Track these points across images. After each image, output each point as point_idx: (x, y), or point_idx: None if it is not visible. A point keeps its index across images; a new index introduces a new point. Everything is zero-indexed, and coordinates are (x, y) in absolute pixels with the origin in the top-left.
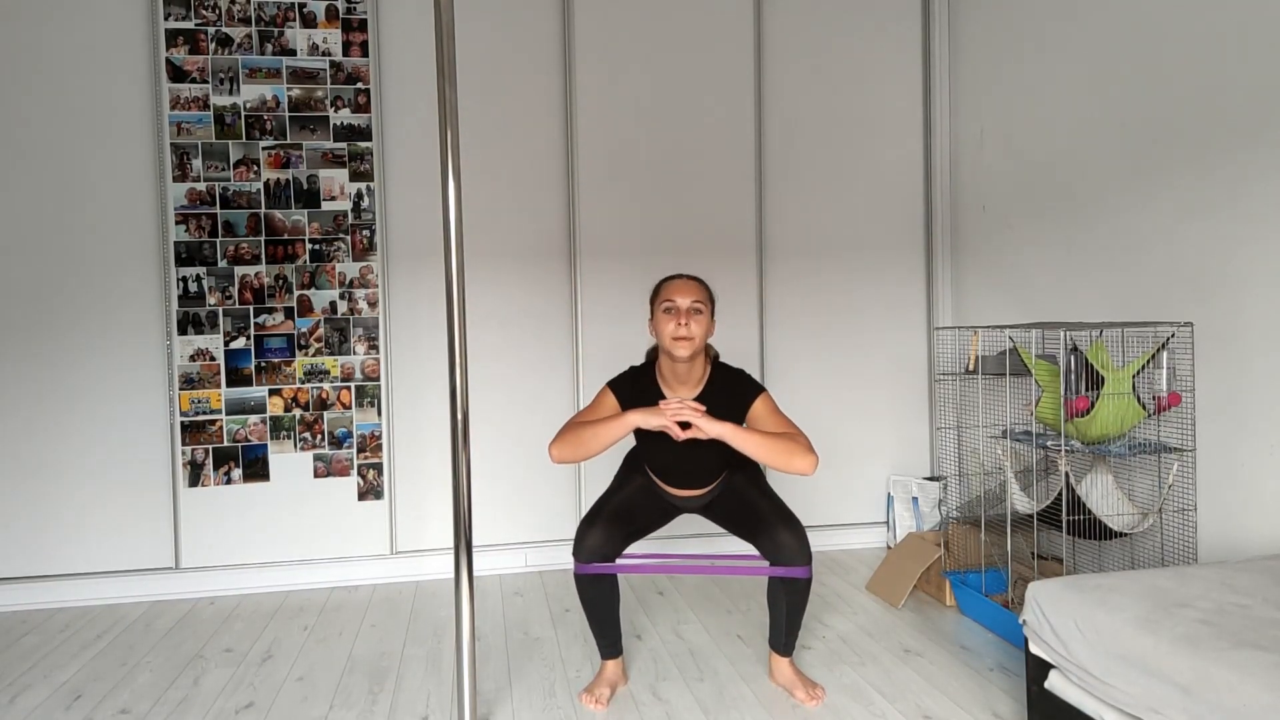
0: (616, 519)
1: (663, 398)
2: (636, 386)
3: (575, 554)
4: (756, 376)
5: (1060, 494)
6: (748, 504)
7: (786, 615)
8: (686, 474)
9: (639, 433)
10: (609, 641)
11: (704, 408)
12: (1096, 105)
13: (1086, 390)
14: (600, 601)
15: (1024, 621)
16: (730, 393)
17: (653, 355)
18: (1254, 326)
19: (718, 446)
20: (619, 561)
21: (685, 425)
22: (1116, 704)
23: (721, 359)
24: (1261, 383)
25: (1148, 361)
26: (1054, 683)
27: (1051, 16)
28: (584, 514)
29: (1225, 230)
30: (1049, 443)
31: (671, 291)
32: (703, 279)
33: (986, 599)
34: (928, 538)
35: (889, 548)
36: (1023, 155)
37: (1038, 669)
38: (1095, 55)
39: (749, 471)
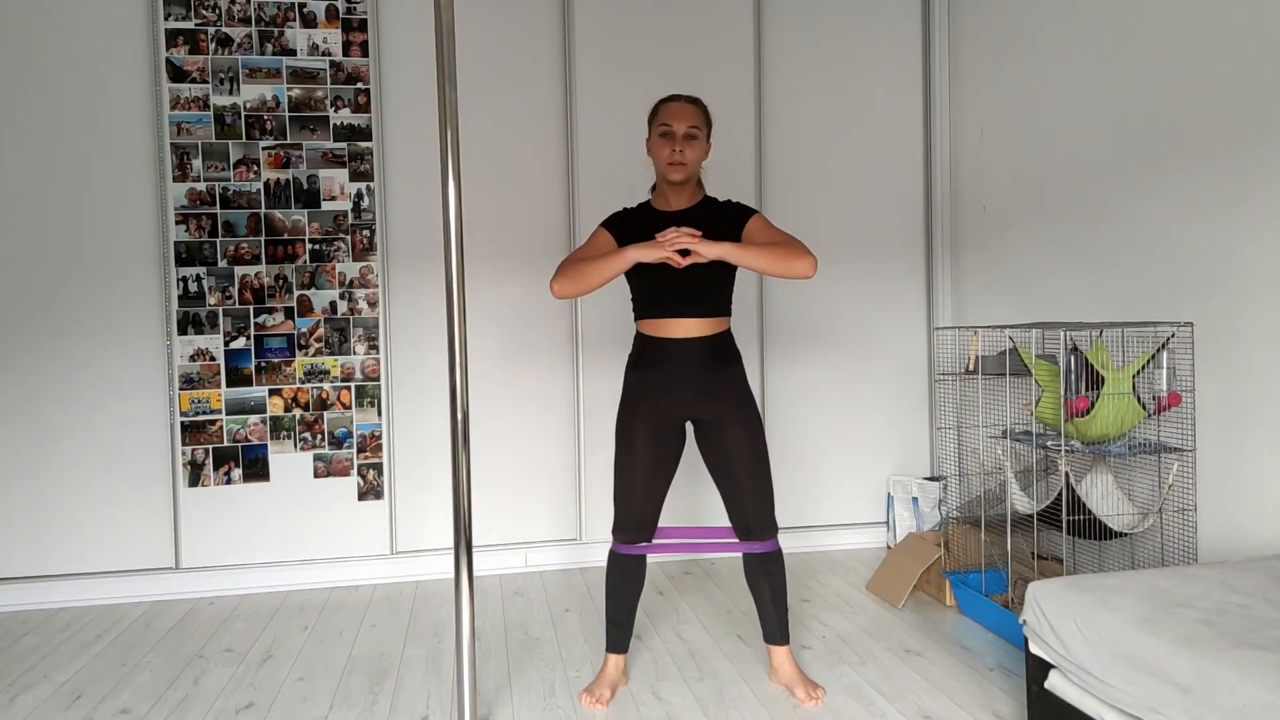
0: (647, 481)
1: (657, 222)
2: (629, 217)
3: (619, 533)
4: (756, 378)
5: (1060, 494)
6: (737, 467)
7: (771, 597)
8: (688, 300)
9: (638, 272)
10: (622, 632)
11: (699, 233)
12: (1096, 105)
13: (1086, 390)
14: (627, 584)
15: (1024, 621)
16: (724, 214)
17: (651, 191)
18: (1254, 326)
19: (717, 270)
20: (655, 541)
21: (684, 254)
22: (1116, 704)
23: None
24: (1261, 383)
25: (1148, 361)
26: (1054, 683)
27: (1051, 16)
28: (613, 495)
29: (1225, 230)
30: (1049, 443)
31: (668, 115)
32: (700, 100)
33: (986, 599)
34: (928, 538)
35: (889, 548)
36: (1023, 155)
37: (1038, 669)
38: (1095, 55)
39: (753, 429)
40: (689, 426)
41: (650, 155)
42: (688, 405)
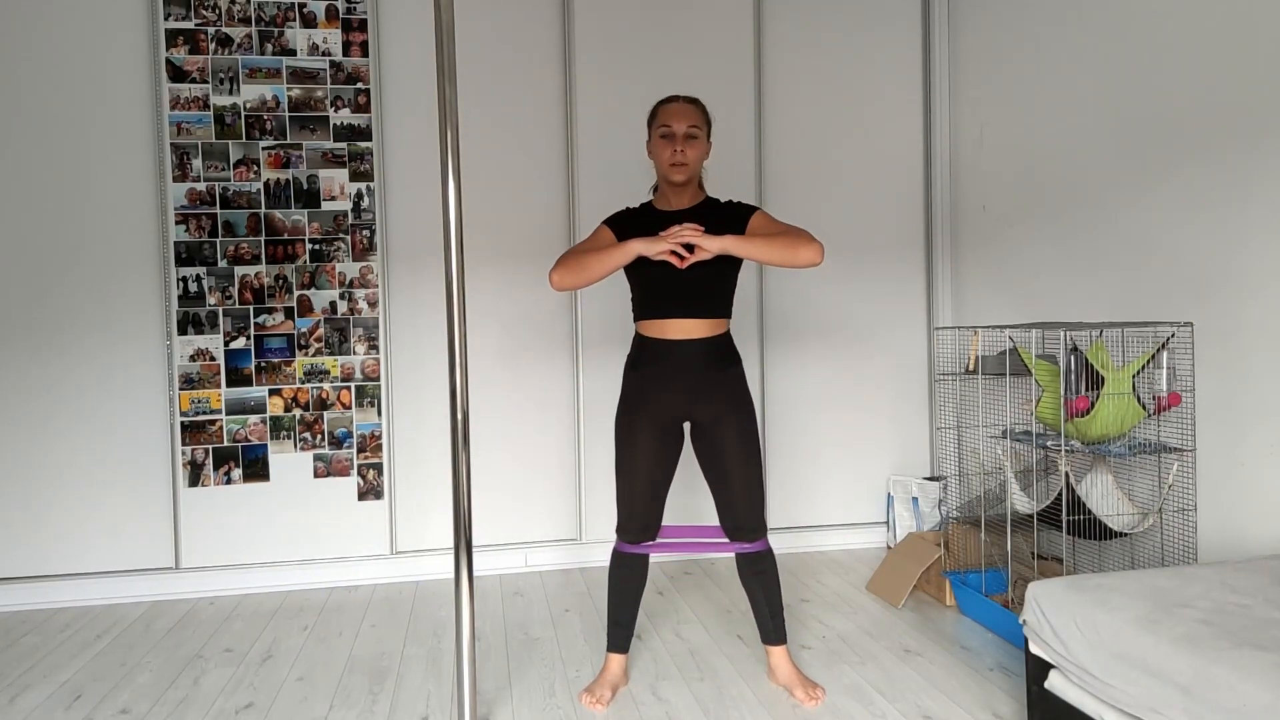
0: (649, 481)
1: (659, 222)
2: (632, 215)
3: (623, 533)
4: (756, 377)
5: (1060, 494)
6: (730, 469)
7: (765, 597)
8: (690, 301)
9: (639, 270)
10: (624, 631)
11: (703, 228)
12: (1096, 105)
13: (1086, 390)
14: (630, 583)
15: (1024, 621)
16: (726, 212)
17: (653, 191)
18: (1254, 326)
19: (719, 270)
20: (659, 541)
21: (689, 249)
22: (1116, 704)
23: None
24: (1261, 383)
25: (1148, 361)
26: (1054, 683)
27: (1051, 16)
28: (616, 496)
29: (1226, 230)
30: (1049, 443)
31: (668, 116)
32: (699, 100)
33: (986, 599)
34: (928, 538)
35: (889, 548)
36: (1023, 155)
37: (1038, 669)
38: (1095, 55)
39: (748, 432)
40: (686, 426)
41: (651, 157)
42: (685, 406)
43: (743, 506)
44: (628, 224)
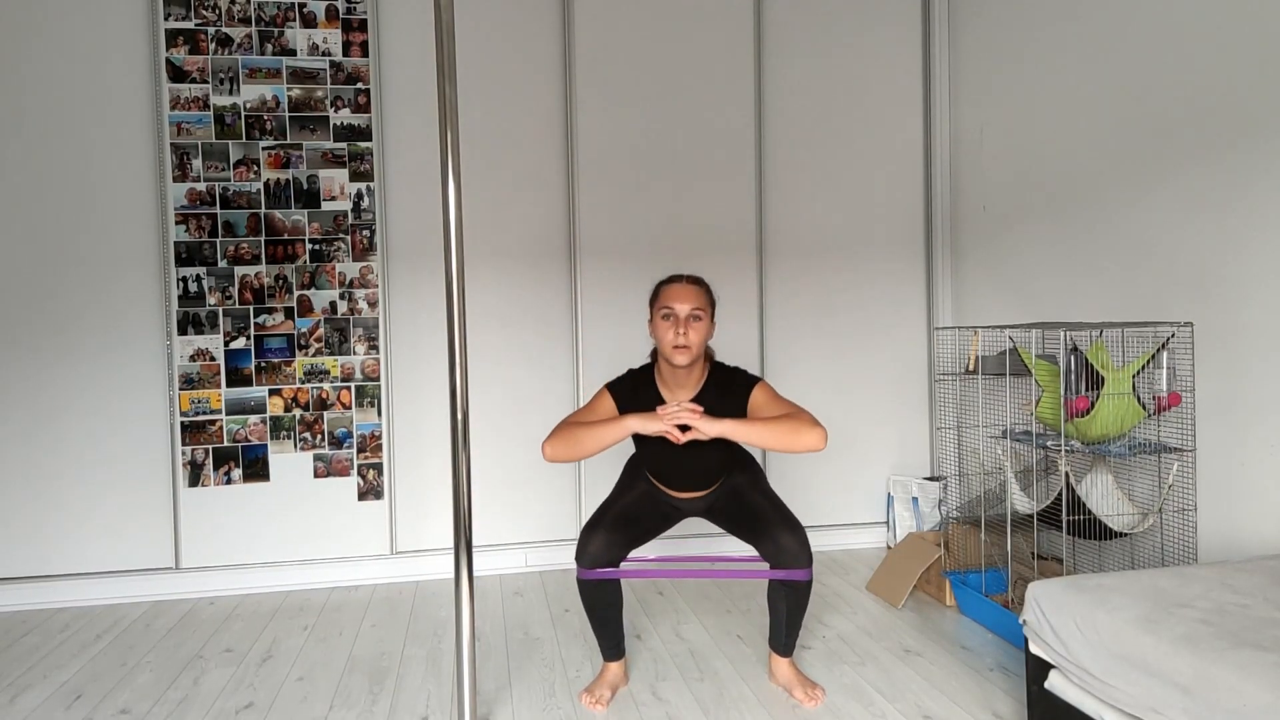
0: (619, 524)
1: (660, 400)
2: (635, 390)
3: (578, 560)
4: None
5: (1060, 494)
6: (749, 506)
7: (787, 617)
8: (687, 476)
9: (638, 437)
10: (611, 644)
11: (701, 409)
12: (1096, 105)
13: (1086, 390)
14: (603, 606)
15: (1024, 621)
16: (728, 389)
17: (655, 356)
18: (1254, 326)
19: (718, 447)
20: (622, 567)
21: (685, 428)
22: (1116, 704)
23: (718, 358)
24: (1261, 383)
25: (1148, 361)
26: (1054, 683)
27: (1051, 17)
28: (586, 519)
29: (1225, 230)
30: (1049, 443)
31: (670, 298)
32: (702, 280)
33: (986, 599)
34: (928, 538)
35: (889, 548)
36: (1023, 155)
37: (1038, 669)
38: (1095, 55)
39: (750, 473)
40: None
41: (652, 335)
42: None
43: (780, 530)
44: (630, 396)
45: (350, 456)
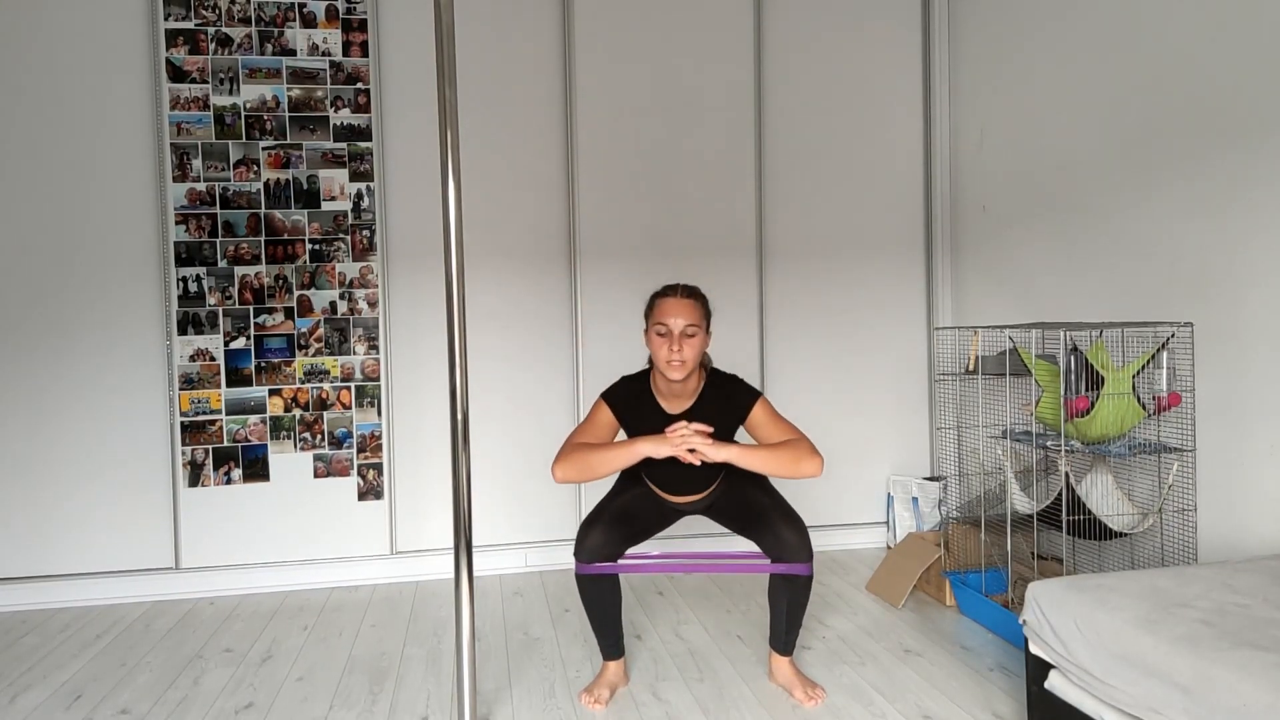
0: (617, 521)
1: (658, 410)
2: (631, 399)
3: (576, 554)
4: (756, 378)
5: (1060, 494)
6: (749, 502)
7: (787, 614)
8: (685, 483)
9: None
10: (610, 642)
11: (710, 429)
12: (1096, 105)
13: (1086, 390)
14: (602, 602)
15: (1024, 621)
16: (726, 401)
17: (651, 363)
18: (1254, 326)
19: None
20: (621, 562)
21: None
22: (1116, 704)
23: (715, 364)
24: (1261, 383)
25: (1148, 361)
26: (1054, 683)
27: (1051, 16)
28: (585, 516)
29: (1225, 230)
30: (1049, 443)
31: (664, 313)
32: (698, 291)
33: (986, 599)
34: (928, 538)
35: (889, 548)
36: (1023, 155)
37: (1038, 669)
38: (1095, 55)
39: (761, 482)
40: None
41: (647, 346)
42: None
43: (782, 525)
44: (627, 406)
45: (350, 456)
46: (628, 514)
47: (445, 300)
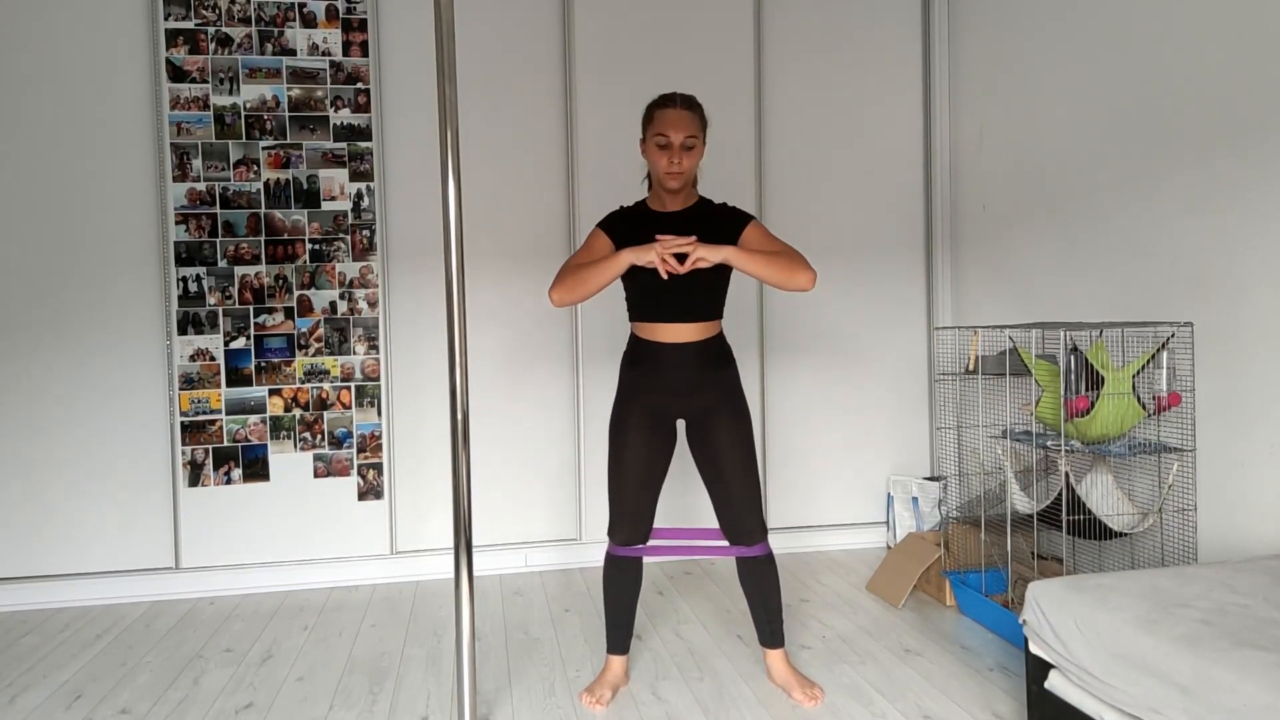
0: (640, 479)
1: (653, 224)
2: (625, 220)
3: (612, 535)
4: (755, 378)
5: (1060, 494)
6: (725, 468)
7: (763, 601)
8: (680, 305)
9: (629, 274)
10: (623, 633)
11: (695, 238)
12: (1096, 105)
13: (1086, 390)
14: (625, 586)
15: (1024, 621)
16: (720, 218)
17: (649, 180)
18: (1254, 326)
19: (708, 283)
20: (651, 544)
21: (682, 259)
22: (1116, 704)
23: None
24: (1261, 383)
25: (1148, 361)
26: (1054, 683)
27: (1051, 16)
28: (608, 496)
29: (1226, 230)
30: (1049, 443)
31: (664, 124)
32: (695, 101)
33: (986, 599)
34: (928, 538)
35: (889, 548)
36: (1023, 155)
37: (1038, 669)
38: (1095, 55)
39: (739, 431)
40: (681, 425)
41: (645, 156)
42: (678, 404)
43: (741, 507)
44: (622, 226)
45: (350, 456)
46: (647, 477)
47: (445, 300)
